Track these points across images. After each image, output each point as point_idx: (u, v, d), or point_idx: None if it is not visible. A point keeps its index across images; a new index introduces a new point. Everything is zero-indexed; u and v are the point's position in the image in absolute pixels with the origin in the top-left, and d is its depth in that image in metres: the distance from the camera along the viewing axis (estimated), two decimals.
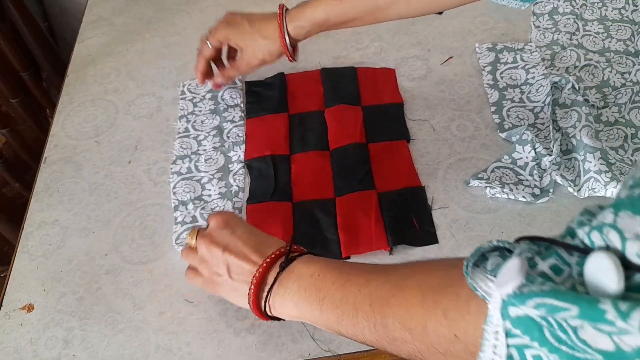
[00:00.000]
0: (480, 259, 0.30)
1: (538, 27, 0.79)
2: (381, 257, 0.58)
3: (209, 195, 0.64)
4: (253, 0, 0.89)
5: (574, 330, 0.22)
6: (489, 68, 0.74)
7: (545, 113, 0.67)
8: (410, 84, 0.74)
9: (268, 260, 0.44)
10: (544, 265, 0.25)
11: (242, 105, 0.74)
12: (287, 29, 0.60)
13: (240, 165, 0.66)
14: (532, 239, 0.28)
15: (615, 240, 0.22)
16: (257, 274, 0.43)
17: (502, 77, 0.73)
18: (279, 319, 0.46)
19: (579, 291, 0.23)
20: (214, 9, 0.89)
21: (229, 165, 0.67)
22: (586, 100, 0.68)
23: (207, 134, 0.70)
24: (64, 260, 0.61)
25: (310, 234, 0.60)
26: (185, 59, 0.81)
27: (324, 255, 0.57)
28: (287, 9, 0.61)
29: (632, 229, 0.22)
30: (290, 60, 0.64)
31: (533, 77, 0.71)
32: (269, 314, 0.45)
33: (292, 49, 0.62)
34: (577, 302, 0.22)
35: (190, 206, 0.63)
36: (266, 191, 0.63)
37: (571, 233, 0.26)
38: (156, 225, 0.63)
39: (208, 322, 0.55)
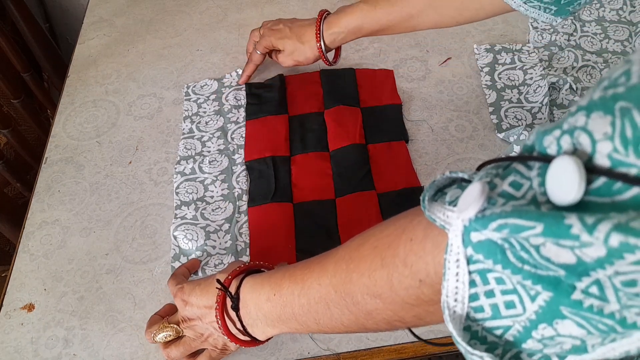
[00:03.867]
0: (438, 194, 0.29)
1: (536, 28, 0.79)
2: None
3: (211, 197, 0.64)
4: (253, 2, 0.90)
5: (536, 248, 0.22)
6: (487, 69, 0.74)
7: (543, 114, 0.67)
8: (408, 85, 0.74)
9: (217, 309, 0.44)
10: (503, 184, 0.24)
11: (245, 106, 0.74)
12: (323, 35, 0.64)
13: (244, 167, 0.67)
14: (490, 162, 0.27)
15: (585, 143, 0.21)
16: (222, 329, 0.44)
17: (500, 78, 0.73)
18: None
19: (540, 202, 0.23)
20: (214, 10, 0.89)
21: (233, 168, 0.67)
22: None
23: (211, 135, 0.71)
24: (64, 260, 0.61)
25: (311, 235, 0.60)
26: (186, 60, 0.82)
27: None
28: (327, 15, 0.64)
29: (603, 129, 0.20)
30: (327, 64, 0.69)
31: (531, 78, 0.71)
32: (259, 339, 0.45)
33: (331, 53, 0.67)
34: (541, 219, 0.21)
35: (192, 207, 0.63)
36: (267, 193, 0.64)
37: (529, 148, 0.25)
38: (157, 225, 0.63)
39: None
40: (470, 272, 0.25)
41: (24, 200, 1.00)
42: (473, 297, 0.26)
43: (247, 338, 0.45)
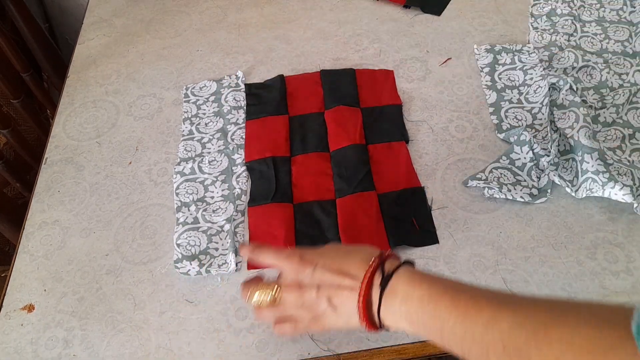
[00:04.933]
0: None
1: (536, 28, 0.79)
2: None
3: (212, 197, 0.64)
4: (253, 2, 0.90)
5: None
6: (487, 69, 0.74)
7: (543, 114, 0.67)
8: (409, 85, 0.74)
9: (366, 281, 0.41)
10: None
11: (245, 107, 0.74)
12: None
13: (244, 168, 0.67)
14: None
15: None
16: (361, 300, 0.40)
17: (500, 78, 0.73)
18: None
19: None
20: (213, 10, 0.89)
21: (233, 168, 0.67)
22: (584, 101, 0.68)
23: (211, 137, 0.71)
24: (64, 260, 0.61)
25: (311, 235, 0.60)
26: (186, 60, 0.82)
27: None
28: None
29: None
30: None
31: (531, 78, 0.71)
32: (387, 329, 0.42)
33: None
34: None
35: (193, 207, 0.63)
36: (267, 193, 0.64)
37: None
38: (157, 225, 0.63)
39: (208, 322, 0.55)
40: None
41: (23, 200, 1.00)
42: None
43: (374, 322, 0.41)
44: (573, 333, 0.30)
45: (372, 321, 0.41)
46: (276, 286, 0.45)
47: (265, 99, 0.74)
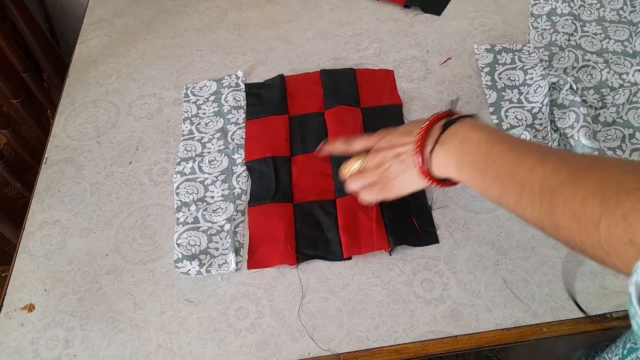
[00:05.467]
0: None
1: (536, 28, 0.79)
2: (380, 257, 0.58)
3: (212, 197, 0.64)
4: (253, 2, 0.90)
5: None
6: (487, 69, 0.74)
7: (543, 114, 0.67)
8: (409, 85, 0.74)
9: (427, 122, 0.46)
10: None
11: (245, 107, 0.74)
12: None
13: (244, 167, 0.67)
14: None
15: None
16: (420, 137, 0.46)
17: (500, 78, 0.73)
18: (451, 184, 0.47)
19: None
20: (214, 10, 0.89)
21: (233, 168, 0.67)
22: (584, 101, 0.68)
23: (211, 137, 0.71)
24: (64, 260, 0.61)
25: (311, 235, 0.60)
26: (186, 60, 0.82)
27: (326, 257, 0.58)
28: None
29: None
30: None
31: (531, 78, 0.71)
32: (435, 175, 0.46)
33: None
34: None
35: (193, 207, 0.63)
36: (267, 193, 0.64)
37: None
38: (157, 225, 0.63)
39: (209, 322, 0.55)
40: None
41: (24, 200, 1.00)
42: None
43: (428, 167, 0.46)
44: (605, 176, 0.32)
45: (426, 165, 0.46)
46: (364, 157, 0.53)
47: (266, 98, 0.74)
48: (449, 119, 0.45)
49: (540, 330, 0.52)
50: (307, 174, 0.66)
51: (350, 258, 0.58)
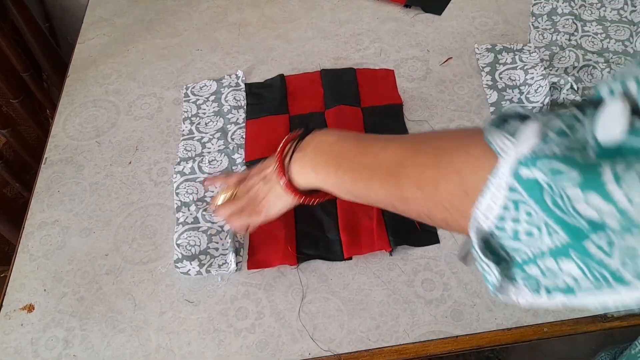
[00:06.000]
0: (501, 122, 0.31)
1: (537, 27, 0.79)
2: (381, 257, 0.58)
3: (212, 197, 0.64)
4: (253, 1, 0.90)
5: (569, 199, 0.24)
6: (487, 69, 0.74)
7: None
8: (409, 85, 0.74)
9: (286, 139, 0.48)
10: (559, 124, 0.27)
11: (245, 107, 0.74)
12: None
13: (244, 167, 0.66)
14: (553, 107, 0.30)
15: (633, 89, 0.24)
16: (279, 151, 0.48)
17: (501, 78, 0.73)
18: (316, 197, 0.49)
19: (589, 145, 0.25)
20: (214, 9, 0.89)
21: (233, 168, 0.67)
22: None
23: (211, 137, 0.70)
24: (64, 260, 0.61)
25: (312, 235, 0.60)
26: (186, 59, 0.81)
27: (326, 258, 0.58)
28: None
29: None
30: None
31: (532, 78, 0.71)
32: (298, 185, 0.47)
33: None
34: (582, 169, 0.24)
35: (193, 207, 0.63)
36: None
37: (588, 99, 0.28)
38: (157, 225, 0.63)
39: (208, 322, 0.55)
40: (506, 198, 0.28)
41: (23, 200, 1.00)
42: (500, 218, 0.29)
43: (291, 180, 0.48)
44: (439, 144, 0.36)
45: (289, 177, 0.48)
46: (234, 188, 0.55)
47: (266, 98, 0.74)
48: (305, 132, 0.48)
49: (541, 331, 0.52)
50: None
51: (350, 258, 0.58)
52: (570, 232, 0.26)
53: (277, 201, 0.50)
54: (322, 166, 0.44)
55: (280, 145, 0.49)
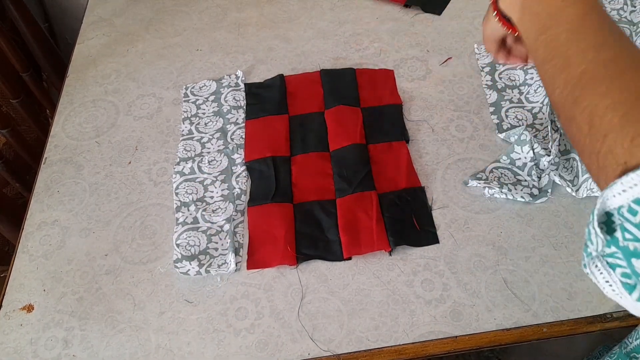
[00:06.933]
0: None
1: None
2: (380, 257, 0.58)
3: (211, 197, 0.64)
4: (253, 1, 0.90)
5: None
6: (487, 69, 0.74)
7: (543, 114, 0.67)
8: (409, 85, 0.74)
9: None
10: None
11: (245, 107, 0.74)
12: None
13: (244, 167, 0.66)
14: None
15: None
16: None
17: (500, 78, 0.73)
18: (513, 27, 0.46)
19: None
20: (213, 9, 0.89)
21: (233, 168, 0.67)
22: None
23: (210, 137, 0.70)
24: (64, 260, 0.61)
25: (311, 235, 0.60)
26: (186, 59, 0.81)
27: (326, 258, 0.58)
28: None
29: None
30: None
31: (532, 78, 0.71)
32: (501, 8, 0.46)
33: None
34: None
35: (192, 207, 0.63)
36: (267, 193, 0.64)
37: None
38: (156, 225, 0.63)
39: (208, 322, 0.55)
40: None
41: (23, 200, 1.00)
42: (637, 201, 0.27)
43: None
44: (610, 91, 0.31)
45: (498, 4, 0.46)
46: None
47: (265, 98, 0.74)
48: None
49: (540, 331, 0.52)
50: (307, 173, 0.66)
51: (350, 258, 0.58)
52: None
53: (486, 25, 0.52)
54: (531, 14, 0.40)
55: None
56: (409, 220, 0.60)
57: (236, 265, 0.58)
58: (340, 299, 0.55)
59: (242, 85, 0.76)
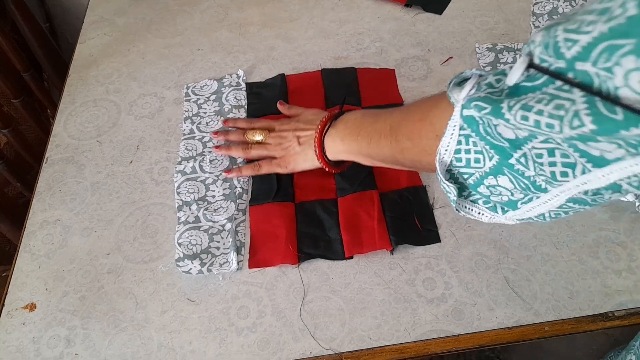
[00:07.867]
0: (459, 82, 0.41)
1: (538, 27, 0.79)
2: (382, 256, 0.58)
3: (213, 197, 0.64)
4: (254, 1, 0.90)
5: (494, 126, 0.35)
6: (488, 68, 0.74)
7: None
8: (410, 84, 0.74)
9: (325, 118, 0.59)
10: (491, 78, 0.36)
11: (246, 106, 0.74)
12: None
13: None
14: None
15: (531, 48, 0.32)
16: (320, 127, 0.58)
17: None
18: (337, 167, 0.61)
19: (504, 90, 0.34)
20: (215, 9, 0.89)
21: (234, 167, 0.67)
22: None
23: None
24: (66, 259, 0.61)
25: (313, 234, 0.60)
26: (187, 59, 0.81)
27: (327, 257, 0.58)
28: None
29: (539, 39, 0.31)
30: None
31: None
32: (327, 157, 0.59)
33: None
34: (492, 103, 0.34)
35: (194, 207, 0.63)
36: (269, 192, 0.64)
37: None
38: (158, 224, 0.63)
39: (210, 321, 0.55)
40: (459, 135, 0.39)
41: (24, 200, 1.00)
42: (457, 151, 0.40)
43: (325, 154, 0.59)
44: (426, 103, 0.46)
45: (322, 149, 0.58)
46: (267, 131, 0.65)
47: (266, 97, 0.74)
48: (340, 111, 0.59)
49: (542, 330, 0.52)
50: (309, 173, 0.65)
51: (351, 257, 0.58)
52: (499, 152, 0.36)
53: (305, 162, 0.61)
54: (349, 136, 0.55)
55: (320, 123, 0.59)
56: (410, 220, 0.60)
57: (238, 264, 0.58)
58: (342, 297, 0.55)
59: (244, 85, 0.76)
